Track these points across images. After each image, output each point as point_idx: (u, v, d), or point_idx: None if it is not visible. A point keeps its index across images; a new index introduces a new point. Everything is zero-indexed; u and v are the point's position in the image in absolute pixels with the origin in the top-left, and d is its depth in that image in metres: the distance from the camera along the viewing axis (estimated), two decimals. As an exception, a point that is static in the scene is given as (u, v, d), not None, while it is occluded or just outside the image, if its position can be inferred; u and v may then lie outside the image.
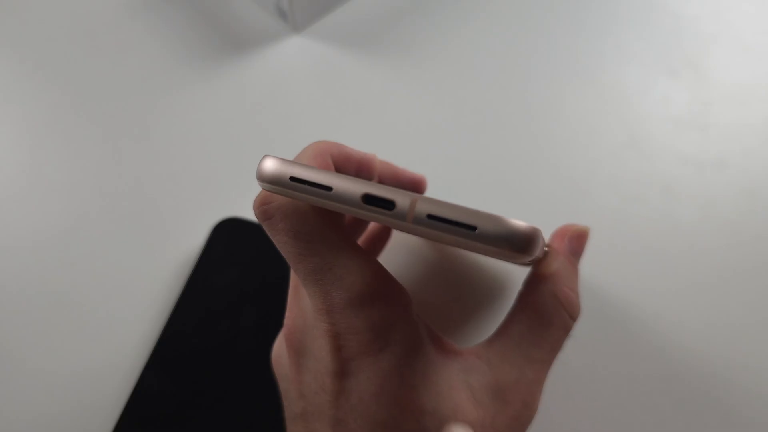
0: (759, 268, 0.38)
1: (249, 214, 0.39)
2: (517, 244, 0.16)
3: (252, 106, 0.44)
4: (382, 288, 0.23)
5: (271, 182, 0.18)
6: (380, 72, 0.46)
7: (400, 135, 0.43)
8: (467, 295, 0.36)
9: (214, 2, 0.49)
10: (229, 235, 0.38)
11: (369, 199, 0.17)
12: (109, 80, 0.46)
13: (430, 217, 0.16)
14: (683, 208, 0.40)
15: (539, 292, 0.27)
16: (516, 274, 0.36)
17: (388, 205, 0.17)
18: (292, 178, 0.18)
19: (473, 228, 0.16)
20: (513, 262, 0.24)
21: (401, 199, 0.16)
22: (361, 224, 0.32)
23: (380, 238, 0.34)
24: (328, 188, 0.17)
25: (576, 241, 0.30)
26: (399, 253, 0.36)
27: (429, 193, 0.29)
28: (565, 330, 0.27)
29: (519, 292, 0.28)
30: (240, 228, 0.38)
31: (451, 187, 0.40)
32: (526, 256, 0.16)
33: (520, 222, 0.16)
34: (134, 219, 0.40)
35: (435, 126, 0.43)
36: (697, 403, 0.34)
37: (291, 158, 0.20)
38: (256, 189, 0.35)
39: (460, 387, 0.25)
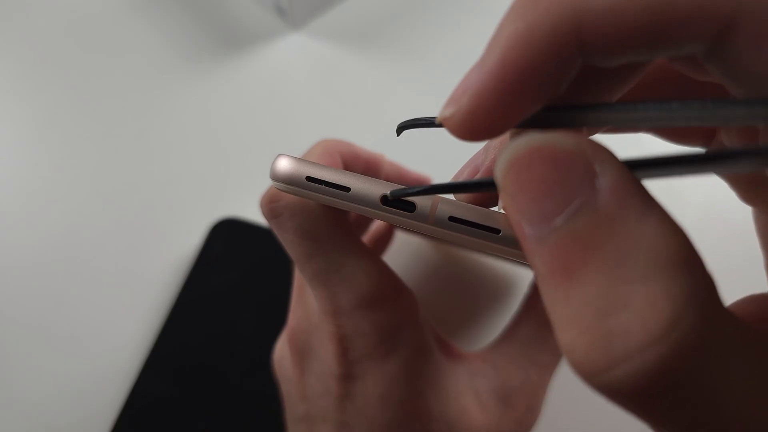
0: (760, 268, 0.38)
1: (247, 214, 0.38)
2: None
3: (250, 103, 0.44)
4: (390, 290, 0.23)
5: (287, 182, 0.17)
6: (379, 69, 0.45)
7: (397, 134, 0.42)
8: (472, 298, 0.36)
9: (211, 0, 0.48)
10: (226, 236, 0.38)
11: (388, 201, 0.16)
12: (105, 78, 0.45)
13: (452, 219, 0.16)
14: (686, 208, 0.40)
15: (546, 296, 0.27)
16: (521, 276, 0.36)
17: (408, 206, 0.16)
18: (309, 178, 0.17)
19: (496, 231, 0.15)
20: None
21: (422, 200, 0.16)
22: (365, 223, 0.32)
23: (384, 239, 0.34)
24: (346, 189, 0.17)
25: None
26: (403, 254, 0.36)
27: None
28: None
29: (525, 295, 0.28)
30: (238, 228, 0.38)
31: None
32: None
33: None
34: (130, 219, 0.39)
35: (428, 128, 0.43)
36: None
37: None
38: (254, 189, 0.34)
39: (466, 391, 0.25)
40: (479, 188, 0.15)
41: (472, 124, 0.14)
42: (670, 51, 0.13)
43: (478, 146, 0.23)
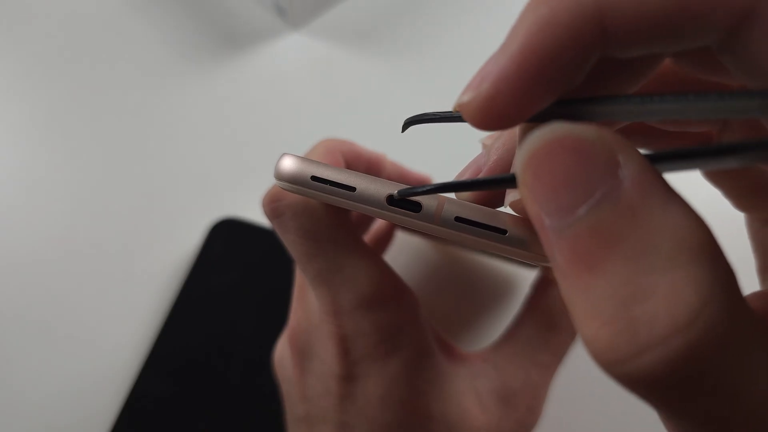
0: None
1: (247, 214, 0.38)
2: None
3: (250, 103, 0.44)
4: (392, 290, 0.23)
5: (291, 181, 0.17)
6: (379, 69, 0.45)
7: (399, 133, 0.42)
8: (473, 298, 0.36)
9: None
10: (226, 236, 0.38)
11: (394, 201, 0.16)
12: (105, 78, 0.45)
13: (458, 219, 0.16)
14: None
15: (548, 296, 0.27)
16: (522, 277, 0.36)
17: (414, 206, 0.16)
18: (314, 178, 0.17)
19: (503, 231, 0.15)
20: (537, 265, 0.23)
21: (428, 200, 0.16)
22: (366, 222, 0.31)
23: (385, 238, 0.34)
24: (352, 188, 0.17)
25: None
26: (404, 254, 0.36)
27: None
28: (572, 335, 0.27)
29: (527, 295, 0.28)
30: (238, 228, 0.38)
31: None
32: None
33: None
34: (130, 219, 0.39)
35: (435, 123, 0.43)
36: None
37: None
38: (254, 189, 0.34)
39: (467, 392, 0.25)
40: (491, 185, 0.15)
41: (490, 110, 0.14)
42: (688, 41, 0.13)
43: (478, 148, 0.23)
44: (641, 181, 0.11)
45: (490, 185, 0.15)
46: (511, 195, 0.16)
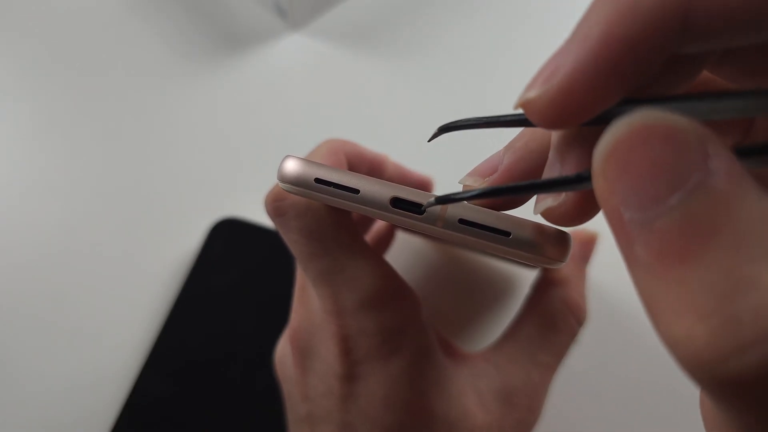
0: None
1: (247, 214, 0.38)
2: (552, 250, 0.15)
3: (250, 103, 0.44)
4: (394, 291, 0.23)
5: (294, 183, 0.17)
6: (379, 70, 0.45)
7: (400, 133, 0.42)
8: (474, 298, 0.36)
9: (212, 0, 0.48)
10: (226, 236, 0.38)
11: (398, 203, 0.16)
12: (106, 78, 0.45)
13: (462, 221, 0.16)
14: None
15: (548, 297, 0.27)
16: (522, 277, 0.36)
17: (417, 209, 0.16)
18: (317, 180, 0.17)
19: (507, 233, 0.15)
20: (540, 266, 0.24)
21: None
22: (368, 222, 0.31)
23: (386, 238, 0.34)
24: (355, 191, 0.17)
25: (585, 246, 0.30)
26: (405, 254, 0.36)
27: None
28: (572, 335, 0.27)
29: (527, 295, 0.28)
30: (238, 228, 0.38)
31: (452, 187, 0.39)
32: (558, 262, 0.16)
33: (553, 227, 0.16)
34: (130, 219, 0.39)
35: (435, 124, 0.43)
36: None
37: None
38: (254, 189, 0.34)
39: (468, 392, 0.25)
40: (552, 187, 0.14)
41: (562, 106, 0.13)
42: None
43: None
44: (733, 173, 0.11)
45: (550, 187, 0.14)
46: (542, 203, 0.15)
